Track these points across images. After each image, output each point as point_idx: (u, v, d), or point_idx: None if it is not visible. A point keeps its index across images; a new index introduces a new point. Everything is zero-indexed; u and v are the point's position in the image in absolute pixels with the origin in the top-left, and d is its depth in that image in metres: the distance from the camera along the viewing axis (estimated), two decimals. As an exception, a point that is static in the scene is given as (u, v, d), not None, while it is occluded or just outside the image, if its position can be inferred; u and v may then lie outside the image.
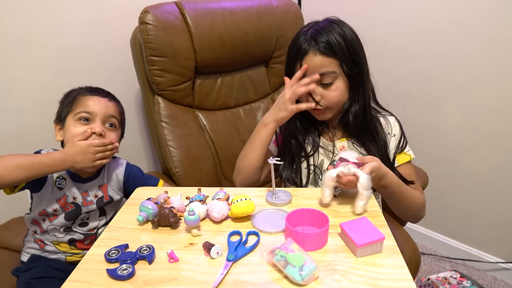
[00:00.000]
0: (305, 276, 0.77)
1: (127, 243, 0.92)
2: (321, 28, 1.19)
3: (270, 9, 1.86)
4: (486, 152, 1.98)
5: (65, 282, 0.81)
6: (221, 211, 0.99)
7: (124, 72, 1.88)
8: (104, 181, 1.30)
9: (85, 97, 1.26)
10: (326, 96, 1.21)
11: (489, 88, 1.88)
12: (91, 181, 1.28)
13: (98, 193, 1.28)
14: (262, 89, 1.98)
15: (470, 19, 1.85)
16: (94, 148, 1.17)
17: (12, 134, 1.65)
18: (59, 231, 1.25)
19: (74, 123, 1.22)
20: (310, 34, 1.19)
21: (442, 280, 1.78)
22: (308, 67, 1.19)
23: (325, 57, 1.18)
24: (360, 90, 1.24)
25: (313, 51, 1.18)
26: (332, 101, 1.22)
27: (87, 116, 1.23)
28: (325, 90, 1.21)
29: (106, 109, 1.26)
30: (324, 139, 1.34)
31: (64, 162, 1.15)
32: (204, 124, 1.80)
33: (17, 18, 1.57)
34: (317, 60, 1.18)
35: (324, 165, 1.32)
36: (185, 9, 1.66)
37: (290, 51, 1.26)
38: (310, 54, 1.18)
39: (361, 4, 2.12)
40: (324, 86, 1.21)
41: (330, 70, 1.19)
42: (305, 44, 1.19)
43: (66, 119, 1.25)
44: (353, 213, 1.02)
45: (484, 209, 2.08)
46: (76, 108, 1.24)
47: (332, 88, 1.21)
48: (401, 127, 1.33)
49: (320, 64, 1.18)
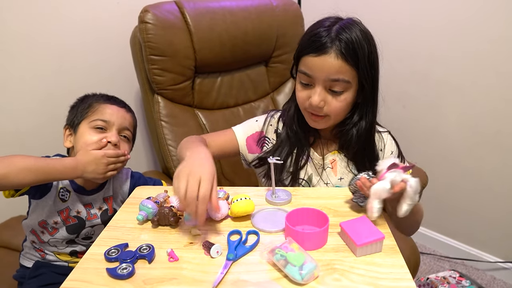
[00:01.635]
0: (305, 275, 0.77)
1: (127, 242, 0.91)
2: (348, 28, 1.05)
3: (270, 9, 1.87)
4: (485, 152, 1.99)
5: (65, 281, 0.81)
6: (221, 211, 0.99)
7: (124, 71, 1.89)
8: (109, 193, 1.26)
9: (103, 104, 1.21)
10: (330, 104, 1.09)
11: (488, 88, 1.88)
12: (95, 194, 1.23)
13: (102, 205, 1.24)
14: (262, 89, 1.98)
15: (470, 20, 1.85)
16: (108, 159, 1.12)
17: (11, 134, 1.65)
18: (61, 244, 1.22)
19: (89, 130, 1.17)
20: (336, 31, 1.05)
21: (441, 279, 1.78)
22: (322, 68, 1.05)
23: (345, 63, 1.04)
24: (369, 108, 1.14)
25: (336, 52, 1.03)
26: (335, 111, 1.11)
27: (104, 125, 1.18)
28: (332, 97, 1.09)
29: (123, 120, 1.22)
30: (315, 152, 1.24)
31: (75, 170, 1.09)
32: (203, 123, 1.80)
33: (17, 17, 1.57)
34: (337, 64, 1.04)
35: (313, 179, 1.23)
36: (185, 8, 1.66)
37: (304, 42, 1.11)
38: (331, 54, 1.04)
39: (361, 4, 2.12)
40: (333, 93, 1.08)
41: (346, 78, 1.06)
42: (327, 41, 1.04)
43: (79, 126, 1.19)
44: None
45: (483, 209, 2.08)
46: (92, 115, 1.19)
47: (340, 98, 1.09)
48: (397, 144, 1.25)
49: (338, 69, 1.04)
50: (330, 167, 1.23)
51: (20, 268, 1.27)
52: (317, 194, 1.12)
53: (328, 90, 1.08)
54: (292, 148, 1.22)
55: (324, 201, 1.07)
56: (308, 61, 1.08)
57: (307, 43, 1.09)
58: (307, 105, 1.12)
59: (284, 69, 2.00)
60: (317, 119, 1.14)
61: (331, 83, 1.07)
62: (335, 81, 1.06)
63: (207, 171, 0.91)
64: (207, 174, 0.90)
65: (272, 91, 2.02)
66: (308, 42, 1.08)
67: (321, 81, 1.07)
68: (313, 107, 1.10)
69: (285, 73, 2.01)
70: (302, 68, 1.11)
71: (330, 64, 1.04)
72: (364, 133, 1.16)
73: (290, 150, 1.22)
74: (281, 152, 1.22)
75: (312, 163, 1.23)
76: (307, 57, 1.08)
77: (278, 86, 2.03)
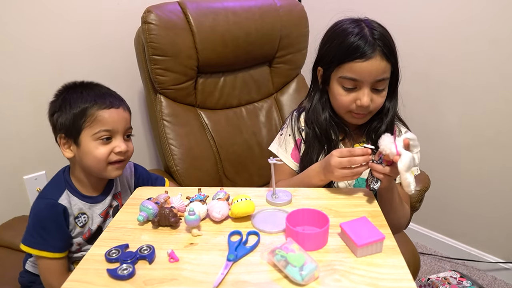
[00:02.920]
0: (305, 276, 0.77)
1: (127, 243, 0.92)
2: (380, 30, 1.13)
3: (273, 9, 1.86)
4: (486, 153, 1.99)
5: (66, 282, 0.81)
6: (221, 211, 0.99)
7: (129, 70, 1.89)
8: (118, 189, 1.25)
9: (101, 111, 1.11)
10: (375, 101, 1.16)
11: (489, 88, 1.88)
12: (106, 195, 1.21)
13: (113, 202, 1.23)
14: (265, 89, 1.98)
15: (471, 20, 1.85)
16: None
17: (12, 138, 1.66)
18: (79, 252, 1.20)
19: (95, 143, 1.10)
20: (371, 34, 1.11)
21: (442, 280, 1.78)
22: (370, 72, 1.11)
23: (388, 62, 1.12)
24: (394, 99, 1.22)
25: (380, 54, 1.10)
26: (377, 107, 1.18)
27: (109, 134, 1.11)
28: (376, 95, 1.15)
29: (125, 122, 1.16)
30: (342, 146, 1.29)
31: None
32: (206, 123, 1.80)
33: (18, 20, 1.58)
34: (382, 65, 1.11)
35: None
36: (188, 8, 1.67)
37: (339, 52, 1.14)
38: (376, 57, 1.10)
39: (361, 4, 2.12)
40: (376, 91, 1.15)
41: (387, 76, 1.14)
42: (368, 46, 1.10)
43: (81, 138, 1.11)
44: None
45: (484, 209, 2.08)
46: (92, 125, 1.10)
47: (382, 94, 1.16)
48: None
49: (383, 70, 1.12)
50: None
51: (25, 272, 1.24)
52: (317, 194, 1.13)
53: (372, 89, 1.14)
54: (322, 146, 1.27)
55: (325, 201, 1.08)
56: (355, 67, 1.12)
57: (348, 52, 1.12)
58: (353, 107, 1.17)
59: (288, 70, 1.99)
60: (361, 116, 1.20)
61: (376, 83, 1.13)
62: (380, 81, 1.13)
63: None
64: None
65: (276, 91, 2.02)
66: (349, 51, 1.12)
67: (368, 83, 1.13)
68: (363, 108, 1.15)
69: (289, 73, 2.01)
70: (347, 74, 1.14)
71: (378, 66, 1.11)
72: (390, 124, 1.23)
73: (320, 148, 1.27)
74: (313, 152, 1.26)
75: None
76: (352, 63, 1.12)
77: (282, 86, 2.03)
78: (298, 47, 1.97)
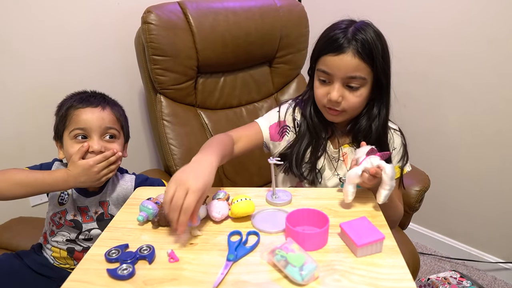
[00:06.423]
0: (305, 276, 0.77)
1: (127, 243, 0.92)
2: (362, 30, 1.13)
3: (273, 9, 1.86)
4: (485, 152, 1.99)
5: (66, 281, 0.81)
6: (221, 211, 0.99)
7: (129, 70, 1.90)
8: (106, 198, 1.23)
9: (76, 111, 1.14)
10: (347, 99, 1.16)
11: (489, 88, 1.88)
12: (93, 196, 1.22)
13: (98, 209, 1.22)
14: (265, 89, 1.98)
15: (470, 20, 1.85)
16: (97, 165, 1.10)
17: (12, 138, 1.66)
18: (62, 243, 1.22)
19: (71, 142, 1.13)
20: (352, 32, 1.12)
21: (442, 280, 1.78)
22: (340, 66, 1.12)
23: (362, 61, 1.11)
24: (384, 104, 1.22)
25: (353, 51, 1.11)
26: (351, 105, 1.17)
27: (82, 133, 1.13)
28: (349, 93, 1.15)
29: (101, 121, 1.14)
30: (331, 145, 1.30)
31: (66, 183, 1.10)
32: (206, 123, 1.80)
33: (19, 21, 1.57)
34: (354, 62, 1.11)
35: (325, 171, 1.29)
36: (188, 8, 1.67)
37: (320, 44, 1.18)
38: (348, 53, 1.11)
39: (361, 4, 2.12)
40: (350, 88, 1.15)
41: (362, 76, 1.13)
42: (344, 41, 1.11)
43: (63, 138, 1.16)
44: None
45: (484, 209, 2.08)
46: (69, 124, 1.14)
47: (357, 94, 1.15)
48: (404, 143, 1.31)
49: (356, 67, 1.12)
50: (342, 160, 1.29)
51: None
52: (317, 194, 1.13)
53: (346, 86, 1.15)
54: (311, 140, 1.28)
55: (324, 201, 1.08)
56: (327, 60, 1.15)
57: (325, 44, 1.16)
58: (325, 101, 1.19)
59: (288, 70, 2.00)
60: (335, 113, 1.20)
61: (349, 80, 1.14)
62: (352, 78, 1.13)
63: (198, 183, 0.91)
64: (197, 186, 0.90)
65: (276, 91, 2.02)
66: (326, 43, 1.15)
67: (339, 78, 1.14)
68: (332, 102, 1.17)
69: (289, 73, 2.01)
70: (321, 67, 1.17)
71: (348, 62, 1.12)
72: (380, 129, 1.23)
73: (309, 142, 1.28)
74: (301, 144, 1.28)
75: (327, 155, 1.29)
76: (326, 57, 1.15)
77: (282, 86, 2.03)
78: (298, 47, 1.97)
